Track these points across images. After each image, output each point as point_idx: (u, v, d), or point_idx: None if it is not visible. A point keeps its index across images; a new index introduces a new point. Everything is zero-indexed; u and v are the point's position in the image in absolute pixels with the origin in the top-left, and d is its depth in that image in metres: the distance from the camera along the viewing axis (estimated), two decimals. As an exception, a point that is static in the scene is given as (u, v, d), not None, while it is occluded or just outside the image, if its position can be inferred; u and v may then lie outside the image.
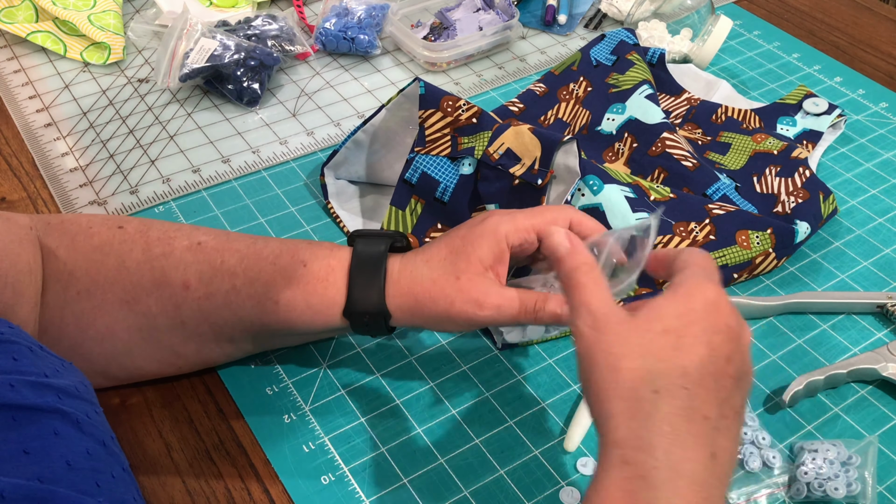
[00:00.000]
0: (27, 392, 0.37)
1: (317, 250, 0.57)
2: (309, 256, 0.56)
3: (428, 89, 0.71)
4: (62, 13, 0.93)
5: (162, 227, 0.58)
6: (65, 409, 0.38)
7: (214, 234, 0.57)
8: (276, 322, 0.56)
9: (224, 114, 0.88)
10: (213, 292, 0.55)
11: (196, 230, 0.58)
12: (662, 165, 0.77)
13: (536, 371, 0.64)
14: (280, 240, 0.58)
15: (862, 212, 0.78)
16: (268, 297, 0.55)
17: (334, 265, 0.56)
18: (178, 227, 0.58)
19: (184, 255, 0.55)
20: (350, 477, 0.57)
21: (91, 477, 0.37)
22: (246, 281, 0.55)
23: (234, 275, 0.55)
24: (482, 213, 0.58)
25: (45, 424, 0.37)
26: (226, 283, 0.55)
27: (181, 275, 0.55)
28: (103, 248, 0.56)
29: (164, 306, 0.55)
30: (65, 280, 0.55)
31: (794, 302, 0.68)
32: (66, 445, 0.37)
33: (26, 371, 0.38)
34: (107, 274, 0.55)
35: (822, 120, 0.83)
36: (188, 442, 0.59)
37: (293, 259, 0.56)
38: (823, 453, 0.56)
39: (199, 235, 0.57)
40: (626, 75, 0.84)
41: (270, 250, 0.56)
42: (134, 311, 0.55)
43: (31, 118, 0.86)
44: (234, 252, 0.56)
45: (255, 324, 0.56)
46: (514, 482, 0.57)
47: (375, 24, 0.96)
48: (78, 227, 0.57)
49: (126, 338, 0.56)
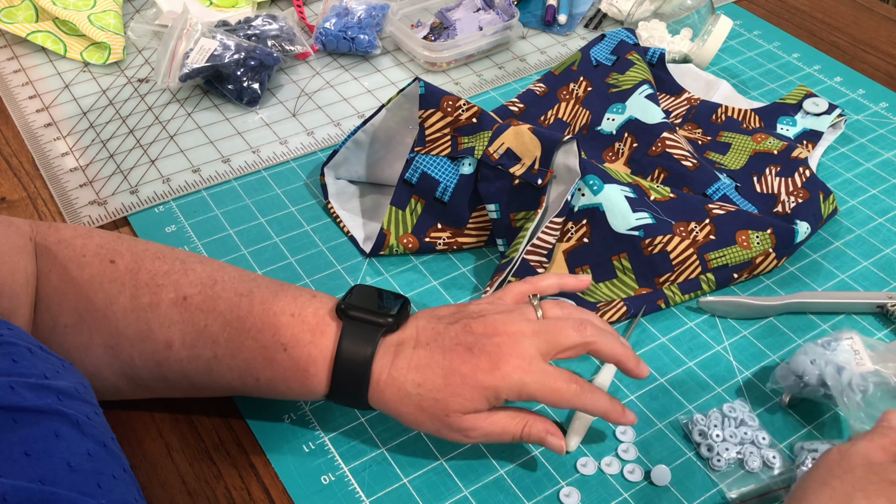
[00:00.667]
0: (27, 394, 0.37)
1: (298, 331, 0.53)
2: (290, 339, 0.53)
3: (428, 89, 0.71)
4: (62, 13, 0.93)
5: (153, 265, 0.55)
6: (65, 410, 0.38)
7: (201, 287, 0.55)
8: (259, 393, 0.55)
9: (224, 114, 0.88)
10: (195, 356, 0.54)
11: (185, 274, 0.55)
12: (662, 165, 0.77)
13: (536, 371, 0.64)
14: (263, 300, 0.55)
15: (862, 212, 0.78)
16: (248, 373, 0.54)
17: (316, 356, 0.53)
18: (166, 271, 0.55)
19: (169, 310, 0.54)
20: (350, 477, 0.57)
21: (92, 478, 0.37)
22: (227, 352, 0.54)
23: (216, 343, 0.54)
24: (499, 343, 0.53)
25: (46, 426, 0.37)
26: (208, 351, 0.54)
27: (165, 332, 0.54)
28: (93, 283, 0.54)
29: (146, 360, 0.54)
30: (54, 309, 0.54)
31: (794, 302, 0.68)
32: (67, 447, 0.37)
33: (26, 373, 0.38)
34: (94, 314, 0.54)
35: (822, 120, 0.83)
36: (188, 442, 0.59)
37: (273, 340, 0.53)
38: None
39: (186, 287, 0.55)
40: (626, 75, 0.84)
41: (253, 322, 0.54)
42: (118, 358, 0.54)
43: (31, 118, 0.86)
44: (218, 316, 0.54)
45: (236, 390, 0.56)
46: (514, 482, 0.57)
47: (375, 24, 0.96)
48: (72, 252, 0.55)
49: (113, 379, 0.55)
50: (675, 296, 0.68)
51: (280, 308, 0.54)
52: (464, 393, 0.52)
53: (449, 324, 0.55)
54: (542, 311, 0.56)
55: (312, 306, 0.55)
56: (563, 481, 0.57)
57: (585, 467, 0.58)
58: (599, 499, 0.56)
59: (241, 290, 0.55)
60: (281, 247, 0.73)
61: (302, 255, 0.72)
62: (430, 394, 0.52)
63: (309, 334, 0.54)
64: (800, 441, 0.58)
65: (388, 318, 0.54)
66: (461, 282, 0.71)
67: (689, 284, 0.69)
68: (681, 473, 0.57)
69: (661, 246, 0.68)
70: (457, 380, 0.52)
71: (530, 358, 0.53)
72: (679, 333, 0.67)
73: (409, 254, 0.72)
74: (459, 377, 0.52)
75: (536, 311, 0.56)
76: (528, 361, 0.53)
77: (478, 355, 0.52)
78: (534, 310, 0.56)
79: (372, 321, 0.54)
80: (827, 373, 0.57)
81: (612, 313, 0.67)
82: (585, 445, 0.59)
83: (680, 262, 0.68)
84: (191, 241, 0.73)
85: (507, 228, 0.70)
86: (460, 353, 0.53)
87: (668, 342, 0.66)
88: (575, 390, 0.53)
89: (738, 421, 0.59)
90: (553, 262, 0.70)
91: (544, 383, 0.52)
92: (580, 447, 0.59)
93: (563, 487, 0.56)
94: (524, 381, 0.52)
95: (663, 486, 0.57)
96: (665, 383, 0.63)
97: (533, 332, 0.54)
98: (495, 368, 0.52)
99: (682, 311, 0.69)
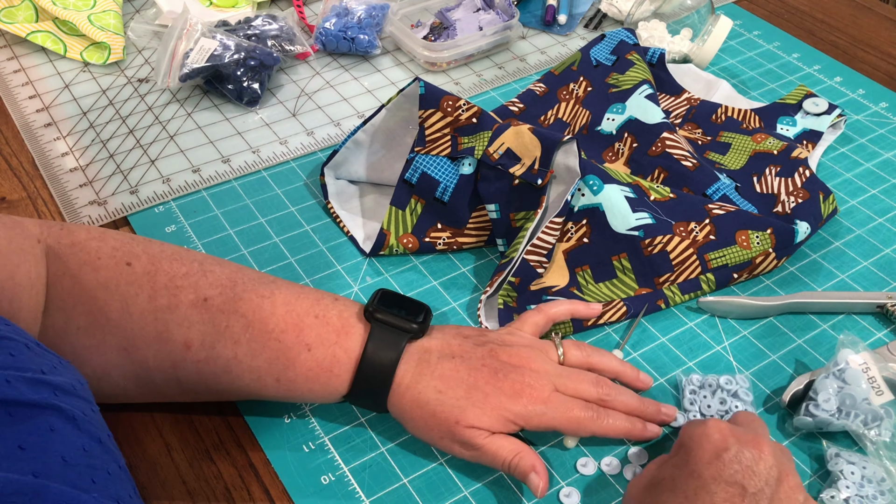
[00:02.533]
0: (23, 388, 0.37)
1: (323, 332, 0.54)
2: (314, 339, 0.54)
3: (428, 89, 0.71)
4: (62, 13, 0.93)
5: (171, 268, 0.55)
6: (61, 405, 0.38)
7: (221, 288, 0.55)
8: (274, 395, 0.56)
9: (224, 114, 0.88)
10: (214, 357, 0.54)
11: (204, 276, 0.55)
12: (662, 165, 0.77)
13: (536, 371, 0.64)
14: (286, 301, 0.55)
15: (862, 212, 0.78)
16: (269, 373, 0.54)
17: (340, 357, 0.54)
18: (185, 273, 0.55)
19: (189, 311, 0.54)
20: (350, 477, 0.57)
21: (87, 473, 0.37)
22: (249, 353, 0.54)
23: (237, 343, 0.54)
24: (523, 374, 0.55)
25: (42, 420, 0.37)
26: (228, 351, 0.54)
27: (184, 333, 0.54)
28: (108, 286, 0.54)
29: (161, 361, 0.54)
30: (68, 311, 0.54)
31: (794, 302, 0.68)
32: (62, 441, 0.37)
33: (23, 367, 0.38)
34: (109, 315, 0.54)
35: (822, 120, 0.83)
36: (188, 442, 0.59)
37: (297, 339, 0.54)
38: (861, 470, 0.55)
39: (206, 288, 0.55)
40: (626, 75, 0.84)
41: (276, 322, 0.54)
42: (131, 359, 0.54)
43: (31, 118, 0.86)
44: (240, 317, 0.54)
45: (252, 393, 0.56)
46: (514, 482, 0.57)
47: (375, 24, 0.96)
48: (86, 255, 0.55)
49: (122, 382, 0.55)
50: (675, 296, 0.68)
51: (304, 310, 0.55)
52: (484, 409, 0.53)
53: (476, 345, 0.56)
54: (563, 350, 0.59)
55: (336, 308, 0.56)
56: (563, 481, 0.57)
57: (585, 467, 0.58)
58: (599, 499, 0.56)
59: (263, 291, 0.56)
60: (281, 247, 0.73)
61: (302, 255, 0.72)
62: (449, 401, 0.54)
63: (334, 335, 0.55)
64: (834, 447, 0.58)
65: (414, 325, 0.56)
66: (461, 282, 0.71)
67: (689, 284, 0.69)
68: (681, 473, 0.57)
69: (661, 246, 0.68)
70: (479, 395, 0.54)
71: (549, 391, 0.55)
72: (679, 333, 0.67)
73: (409, 254, 0.72)
74: (482, 394, 0.54)
75: (558, 349, 0.59)
76: (547, 393, 0.55)
77: (502, 380, 0.54)
78: (555, 349, 0.59)
79: (399, 326, 0.55)
80: (850, 425, 0.57)
81: (612, 313, 0.67)
82: (585, 446, 0.59)
83: (680, 263, 0.68)
84: (191, 241, 0.73)
85: (507, 228, 0.70)
86: (486, 374, 0.55)
87: (668, 342, 0.66)
88: (590, 417, 0.55)
89: (732, 393, 0.61)
90: (553, 262, 0.70)
91: (562, 413, 0.55)
92: (580, 447, 0.59)
93: (563, 487, 0.56)
94: (543, 411, 0.54)
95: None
96: (665, 383, 0.63)
97: (556, 373, 0.56)
98: (517, 395, 0.54)
99: (682, 311, 0.69)
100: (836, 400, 0.58)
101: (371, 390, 0.55)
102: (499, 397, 0.54)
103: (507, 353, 0.56)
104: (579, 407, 0.55)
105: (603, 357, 0.60)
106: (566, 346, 0.59)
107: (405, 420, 0.56)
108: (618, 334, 0.67)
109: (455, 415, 0.53)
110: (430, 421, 0.54)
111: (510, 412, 0.54)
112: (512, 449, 0.54)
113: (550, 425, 0.55)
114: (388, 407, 0.56)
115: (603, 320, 0.67)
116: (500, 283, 0.67)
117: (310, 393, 0.55)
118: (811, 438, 0.60)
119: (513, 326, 0.60)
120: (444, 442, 0.55)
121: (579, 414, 0.55)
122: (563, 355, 0.58)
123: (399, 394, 0.55)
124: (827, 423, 0.58)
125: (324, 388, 0.55)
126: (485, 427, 0.53)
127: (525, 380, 0.55)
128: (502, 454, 0.54)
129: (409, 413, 0.55)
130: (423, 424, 0.55)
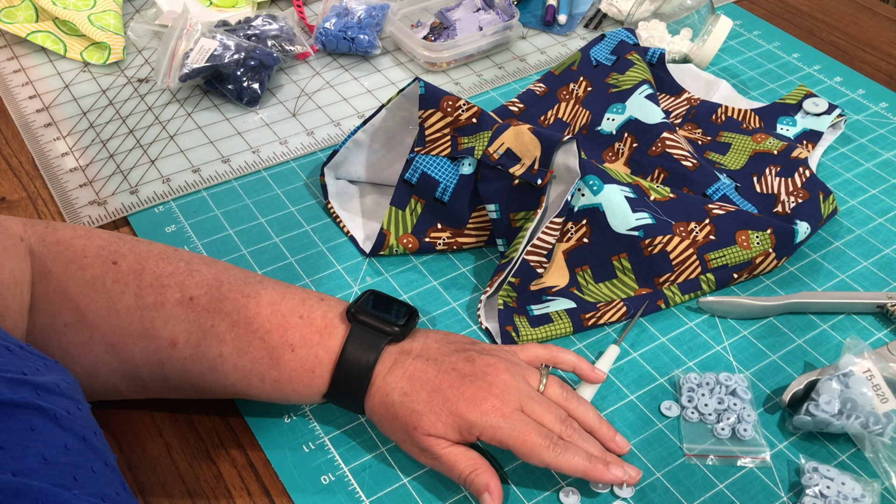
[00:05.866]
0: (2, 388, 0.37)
1: (307, 333, 0.55)
2: (298, 341, 0.54)
3: (428, 89, 0.71)
4: (62, 13, 0.93)
5: (157, 267, 0.55)
6: (42, 404, 0.38)
7: (206, 288, 0.55)
8: (260, 394, 0.56)
9: (224, 114, 0.88)
10: (199, 355, 0.54)
11: (191, 275, 0.56)
12: (662, 165, 0.77)
13: (536, 371, 0.64)
14: (271, 301, 0.55)
15: (862, 212, 0.78)
16: (254, 372, 0.54)
17: (322, 357, 0.54)
18: (171, 272, 0.55)
19: (175, 310, 0.54)
20: (350, 477, 0.57)
21: (69, 471, 0.37)
22: (234, 351, 0.54)
23: (222, 342, 0.54)
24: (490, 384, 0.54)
25: (21, 420, 0.37)
26: (213, 350, 0.54)
27: (170, 330, 0.54)
28: (95, 284, 0.54)
29: (148, 358, 0.54)
30: (54, 308, 0.54)
31: (794, 302, 0.68)
32: (43, 440, 0.37)
33: (3, 369, 0.38)
34: (96, 312, 0.54)
35: (822, 120, 0.83)
36: (188, 442, 0.59)
37: (282, 341, 0.54)
38: (839, 486, 0.55)
39: (192, 288, 0.55)
40: (626, 75, 0.84)
41: (261, 323, 0.54)
42: (118, 356, 0.54)
43: (31, 118, 0.86)
44: (225, 317, 0.54)
45: (238, 392, 0.56)
46: (514, 482, 0.57)
47: (375, 24, 0.96)
48: (72, 253, 0.55)
49: (111, 379, 0.55)
50: (675, 296, 0.68)
51: (289, 310, 0.55)
52: (440, 415, 0.53)
53: (455, 350, 0.56)
54: (545, 382, 0.56)
55: (321, 309, 0.56)
56: (563, 481, 0.57)
57: (585, 467, 0.57)
58: (599, 499, 0.56)
59: (248, 291, 0.56)
60: (281, 247, 0.73)
61: (302, 255, 0.72)
62: (410, 404, 0.53)
63: (317, 336, 0.55)
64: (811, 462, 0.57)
65: (395, 328, 0.55)
66: (461, 282, 0.71)
67: (688, 284, 0.69)
68: (680, 473, 0.57)
69: (661, 246, 0.68)
70: (438, 400, 0.53)
71: (512, 408, 0.53)
72: (679, 333, 0.67)
73: (409, 254, 0.72)
74: (442, 398, 0.53)
75: (542, 379, 0.56)
76: (509, 409, 0.53)
77: (468, 386, 0.53)
78: (539, 378, 0.56)
79: (379, 328, 0.55)
80: (850, 426, 0.57)
81: (612, 313, 0.67)
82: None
83: (680, 263, 0.68)
84: (191, 241, 0.73)
85: (507, 228, 0.70)
86: (452, 378, 0.54)
87: (668, 342, 0.66)
88: (547, 446, 0.52)
89: (730, 390, 0.61)
90: (553, 262, 0.70)
91: (519, 432, 0.52)
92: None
93: (563, 487, 0.56)
94: (499, 425, 0.52)
95: (663, 488, 0.56)
96: (665, 383, 0.63)
97: (527, 394, 0.54)
98: (477, 404, 0.53)
99: (682, 311, 0.69)
100: (837, 402, 0.58)
101: (348, 391, 0.55)
102: (457, 403, 0.53)
103: (484, 361, 0.55)
104: (538, 432, 0.52)
105: (581, 406, 0.56)
106: (550, 380, 0.57)
107: (375, 421, 0.56)
108: (617, 334, 0.67)
109: (413, 420, 0.53)
110: (393, 423, 0.54)
111: (464, 420, 0.52)
112: (469, 464, 0.53)
113: (504, 442, 0.52)
114: (366, 407, 0.55)
115: (603, 320, 0.67)
116: (500, 284, 0.67)
117: (294, 393, 0.55)
118: (793, 452, 0.60)
119: (511, 348, 0.59)
120: (408, 446, 0.55)
121: (536, 439, 0.52)
122: (543, 387, 0.56)
123: (371, 394, 0.54)
124: (826, 424, 0.58)
125: (306, 388, 0.55)
126: (439, 435, 0.53)
127: (491, 389, 0.53)
128: (459, 467, 0.53)
129: (378, 414, 0.55)
130: (388, 426, 0.55)
